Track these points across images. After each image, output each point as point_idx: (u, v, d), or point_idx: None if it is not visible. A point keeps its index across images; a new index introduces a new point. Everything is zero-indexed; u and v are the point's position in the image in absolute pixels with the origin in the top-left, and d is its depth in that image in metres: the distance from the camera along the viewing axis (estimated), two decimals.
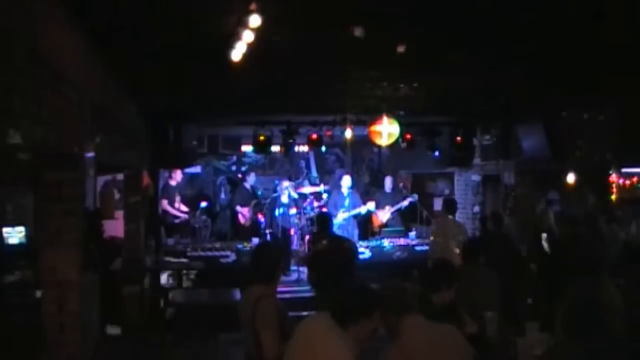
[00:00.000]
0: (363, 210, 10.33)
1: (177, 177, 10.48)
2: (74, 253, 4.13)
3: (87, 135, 4.56)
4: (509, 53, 5.39)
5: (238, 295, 6.60)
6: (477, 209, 11.12)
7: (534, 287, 6.91)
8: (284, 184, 10.83)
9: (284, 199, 10.60)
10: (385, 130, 8.85)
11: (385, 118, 8.77)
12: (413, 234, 10.67)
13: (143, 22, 4.42)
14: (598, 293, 4.10)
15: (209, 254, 9.57)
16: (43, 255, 4.12)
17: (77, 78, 4.08)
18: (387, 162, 13.69)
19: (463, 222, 9.59)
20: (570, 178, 8.86)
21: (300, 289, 8.67)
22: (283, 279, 5.30)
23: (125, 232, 8.05)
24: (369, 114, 8.90)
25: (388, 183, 10.99)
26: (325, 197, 11.26)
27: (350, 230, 10.04)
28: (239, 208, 11.03)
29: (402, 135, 9.48)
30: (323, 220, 7.05)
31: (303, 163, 14.02)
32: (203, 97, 7.83)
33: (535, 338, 3.96)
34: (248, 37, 4.37)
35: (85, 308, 4.40)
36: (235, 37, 4.44)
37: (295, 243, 10.55)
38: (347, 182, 10.38)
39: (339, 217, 9.92)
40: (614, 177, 8.65)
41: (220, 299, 7.42)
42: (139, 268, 7.94)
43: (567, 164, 8.84)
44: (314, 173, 13.87)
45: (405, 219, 11.22)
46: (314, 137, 9.98)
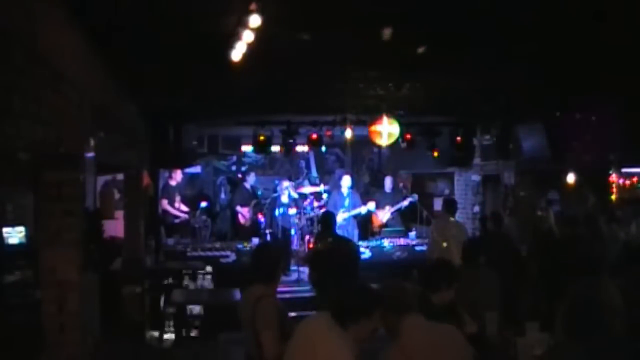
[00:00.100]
0: (363, 211, 10.33)
1: (177, 177, 10.48)
2: (74, 253, 4.13)
3: (87, 135, 4.56)
4: (509, 53, 5.39)
5: (238, 295, 6.60)
6: (477, 209, 11.12)
7: (534, 287, 6.91)
8: (284, 184, 10.83)
9: (284, 199, 10.60)
10: (385, 130, 8.84)
11: (385, 118, 8.76)
12: (413, 234, 10.67)
13: (143, 22, 4.42)
14: (598, 293, 4.10)
15: (209, 254, 9.57)
16: (43, 255, 4.12)
17: (77, 78, 4.07)
18: (387, 162, 13.68)
19: (463, 222, 9.59)
20: (570, 178, 8.86)
21: (300, 289, 8.67)
22: (283, 279, 5.30)
23: (125, 232, 8.04)
24: (369, 114, 8.89)
25: (388, 183, 10.99)
26: (325, 197, 11.26)
27: (350, 230, 10.03)
28: (239, 208, 11.03)
29: (402, 135, 9.47)
30: (327, 220, 7.05)
31: (303, 163, 14.02)
32: (203, 97, 7.83)
33: (535, 338, 3.95)
34: (248, 37, 4.37)
35: (85, 308, 4.40)
36: (235, 37, 4.44)
37: (295, 243, 10.56)
38: (347, 182, 10.37)
39: (339, 217, 9.90)
40: (614, 177, 8.65)
41: (221, 299, 7.42)
42: (139, 268, 7.94)
43: (567, 164, 8.84)
44: (314, 173, 13.87)
45: (405, 219, 11.22)
46: (314, 137, 9.96)
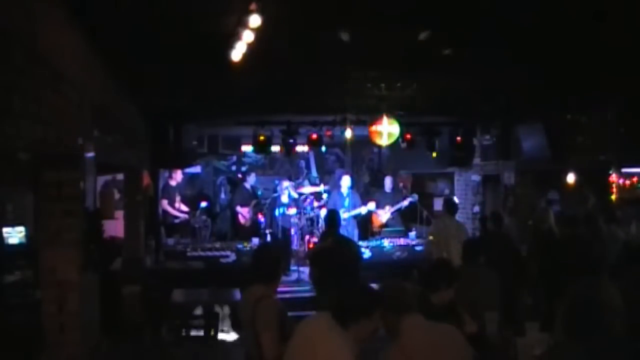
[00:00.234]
0: (363, 211, 10.32)
1: (177, 177, 10.47)
2: (74, 253, 4.14)
3: (87, 135, 4.56)
4: (509, 53, 5.40)
5: (238, 295, 6.60)
6: (477, 209, 11.12)
7: (534, 287, 6.91)
8: (284, 184, 10.83)
9: (284, 199, 10.60)
10: (385, 130, 8.84)
11: (385, 118, 8.76)
12: (413, 234, 10.65)
13: (143, 22, 4.42)
14: (598, 293, 4.09)
15: (209, 254, 9.57)
16: (43, 255, 4.13)
17: (77, 78, 4.08)
18: (387, 162, 13.68)
19: (463, 222, 9.58)
20: (570, 178, 8.86)
21: (300, 289, 8.66)
22: (283, 279, 5.30)
23: (125, 232, 8.05)
24: (369, 114, 8.89)
25: (388, 183, 10.98)
26: (325, 197, 11.25)
27: (350, 230, 10.02)
28: (239, 208, 11.02)
29: (402, 135, 9.47)
30: (332, 218, 7.04)
31: (303, 163, 14.02)
32: (203, 97, 7.83)
33: (535, 338, 3.96)
34: (248, 37, 4.38)
35: (85, 308, 4.40)
36: (235, 37, 4.45)
37: (295, 243, 10.55)
38: (347, 182, 10.37)
39: None
40: (614, 177, 8.64)
41: (220, 299, 7.43)
42: (139, 268, 7.94)
43: (567, 164, 8.84)
44: (314, 173, 13.87)
45: (405, 219, 11.21)
46: (314, 137, 9.97)
